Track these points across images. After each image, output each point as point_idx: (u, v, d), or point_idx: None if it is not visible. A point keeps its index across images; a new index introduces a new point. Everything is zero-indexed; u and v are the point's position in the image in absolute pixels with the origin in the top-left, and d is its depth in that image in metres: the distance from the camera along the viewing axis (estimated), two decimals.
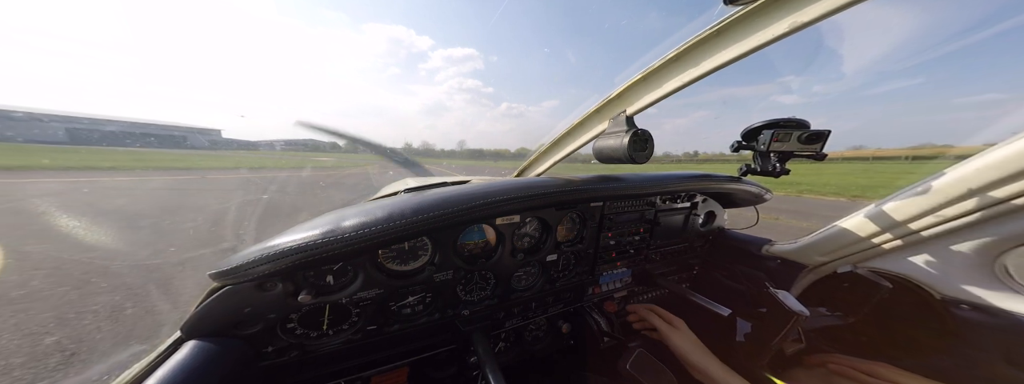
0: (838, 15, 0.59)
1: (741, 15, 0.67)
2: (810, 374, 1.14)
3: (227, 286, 0.75)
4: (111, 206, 8.57)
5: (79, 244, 5.07)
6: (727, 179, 1.48)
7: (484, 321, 1.20)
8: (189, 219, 6.84)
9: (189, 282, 3.76)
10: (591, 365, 1.43)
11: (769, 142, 1.10)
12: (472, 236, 1.14)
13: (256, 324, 0.84)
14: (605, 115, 1.14)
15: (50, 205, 8.11)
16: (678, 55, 0.82)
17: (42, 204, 8.26)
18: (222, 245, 5.15)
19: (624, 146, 0.94)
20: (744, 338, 1.16)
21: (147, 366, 0.72)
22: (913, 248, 1.12)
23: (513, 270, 1.25)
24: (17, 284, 3.64)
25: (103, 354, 2.58)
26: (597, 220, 1.36)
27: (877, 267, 1.22)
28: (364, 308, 1.00)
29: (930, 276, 1.09)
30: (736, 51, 0.71)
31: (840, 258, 1.30)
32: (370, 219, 0.78)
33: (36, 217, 6.87)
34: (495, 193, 0.93)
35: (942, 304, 1.06)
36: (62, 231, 5.71)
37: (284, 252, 0.71)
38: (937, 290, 1.08)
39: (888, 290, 1.15)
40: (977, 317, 1.00)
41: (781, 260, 1.48)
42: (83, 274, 3.88)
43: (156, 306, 3.26)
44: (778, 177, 1.21)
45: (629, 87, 0.98)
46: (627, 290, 1.61)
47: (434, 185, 1.16)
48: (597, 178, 1.18)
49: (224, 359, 0.75)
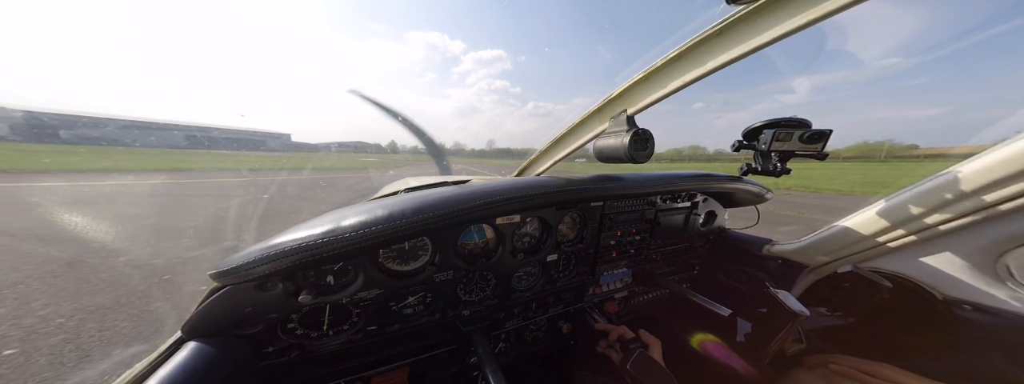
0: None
1: (743, 14, 0.67)
2: (812, 375, 1.14)
3: (228, 286, 0.75)
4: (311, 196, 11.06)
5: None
6: (727, 178, 1.48)
7: (484, 321, 1.20)
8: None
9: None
10: (591, 365, 1.43)
11: (770, 141, 1.10)
12: (472, 236, 1.14)
13: (257, 324, 0.83)
14: (606, 114, 1.13)
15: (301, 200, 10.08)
16: (680, 54, 0.81)
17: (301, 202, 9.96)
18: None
19: (625, 145, 0.94)
20: (744, 338, 1.16)
21: (148, 366, 0.72)
22: (914, 248, 1.12)
23: (513, 270, 1.25)
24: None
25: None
26: (597, 220, 1.36)
27: (878, 267, 1.21)
28: (364, 308, 1.00)
29: (932, 276, 1.09)
30: (738, 51, 0.71)
31: (841, 258, 1.30)
32: (370, 219, 0.78)
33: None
34: (495, 193, 0.93)
35: (944, 304, 1.06)
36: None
37: (284, 252, 0.71)
38: (939, 290, 1.07)
39: (889, 290, 1.14)
40: (979, 317, 0.99)
41: (782, 260, 1.48)
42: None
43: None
44: (779, 177, 1.21)
45: (630, 86, 0.98)
46: (628, 290, 1.61)
47: (434, 185, 1.16)
48: (597, 178, 1.17)
49: (225, 359, 0.75)
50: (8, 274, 3.73)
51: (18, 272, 3.79)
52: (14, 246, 4.71)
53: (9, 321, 2.86)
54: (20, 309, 3.05)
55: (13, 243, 4.85)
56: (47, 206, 7.56)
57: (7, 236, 5.16)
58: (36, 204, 7.96)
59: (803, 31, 0.62)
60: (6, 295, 3.30)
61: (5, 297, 3.26)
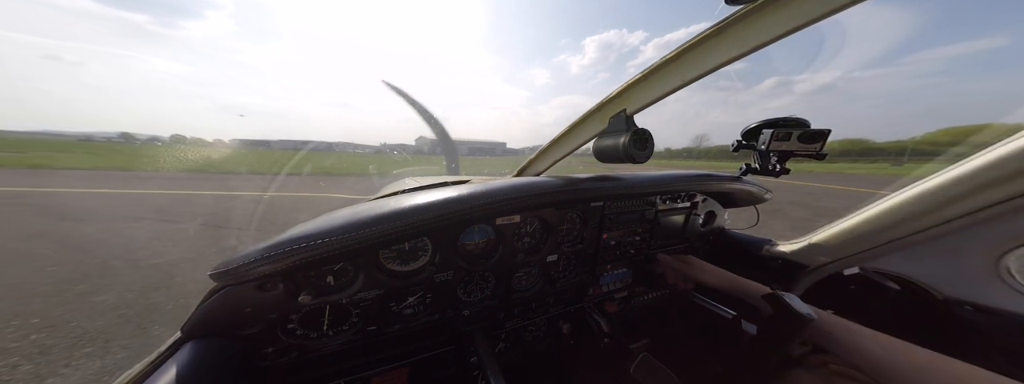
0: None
1: (743, 13, 0.67)
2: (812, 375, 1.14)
3: (227, 286, 0.75)
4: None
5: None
6: (727, 178, 1.48)
7: (484, 321, 1.20)
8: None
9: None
10: (592, 365, 1.43)
11: (769, 141, 1.10)
12: (472, 236, 1.14)
13: (256, 324, 0.83)
14: (605, 114, 1.14)
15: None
16: (679, 54, 0.81)
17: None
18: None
19: (624, 145, 0.94)
20: (750, 341, 1.15)
21: (147, 366, 0.72)
22: (914, 248, 1.11)
23: (513, 270, 1.25)
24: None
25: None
26: (597, 220, 1.36)
27: (878, 267, 1.21)
28: (364, 309, 0.99)
29: (931, 276, 1.09)
30: (737, 50, 0.71)
31: (841, 258, 1.30)
32: (371, 219, 0.78)
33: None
34: (495, 193, 0.93)
35: (944, 304, 1.06)
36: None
37: (284, 252, 0.70)
38: (939, 290, 1.07)
39: (889, 290, 1.14)
40: (980, 318, 0.99)
41: (782, 260, 1.48)
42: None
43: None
44: (778, 177, 1.21)
45: (629, 86, 0.98)
46: (628, 290, 1.61)
47: (434, 185, 1.16)
48: (597, 178, 1.17)
49: (224, 359, 0.75)
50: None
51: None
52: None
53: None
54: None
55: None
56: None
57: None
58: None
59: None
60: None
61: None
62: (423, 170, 2.69)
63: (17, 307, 3.06)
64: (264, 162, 28.95)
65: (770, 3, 0.61)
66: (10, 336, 2.63)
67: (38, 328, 2.75)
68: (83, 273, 3.83)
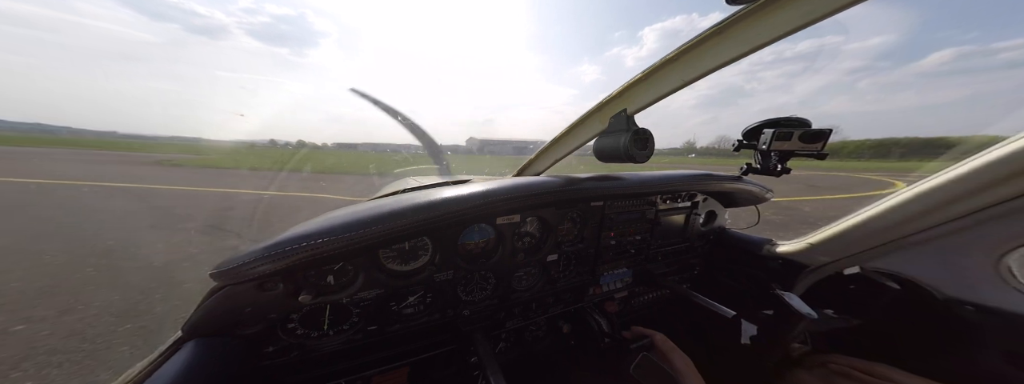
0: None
1: (743, 13, 0.66)
2: (811, 375, 1.14)
3: (228, 286, 0.75)
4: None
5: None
6: (728, 178, 1.47)
7: (484, 321, 1.19)
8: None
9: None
10: (592, 365, 1.43)
11: (770, 141, 1.10)
12: (473, 236, 1.14)
13: (257, 324, 0.83)
14: (606, 113, 1.13)
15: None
16: (679, 54, 0.81)
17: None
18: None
19: (624, 145, 0.94)
20: (750, 340, 1.15)
21: (148, 366, 0.72)
22: (915, 248, 1.11)
23: (513, 270, 1.25)
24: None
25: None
26: (598, 220, 1.36)
27: (878, 267, 1.21)
28: (365, 308, 0.99)
29: (932, 276, 1.09)
30: (738, 50, 0.71)
31: (842, 258, 1.29)
32: (371, 218, 0.78)
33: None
34: (495, 193, 0.93)
35: (944, 304, 1.06)
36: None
37: (285, 252, 0.70)
38: (939, 290, 1.07)
39: (889, 290, 1.14)
40: (980, 318, 0.99)
41: (783, 260, 1.48)
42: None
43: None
44: (779, 177, 1.21)
45: (630, 85, 0.98)
46: (628, 290, 1.61)
47: (434, 185, 1.16)
48: (597, 177, 1.17)
49: (225, 359, 0.75)
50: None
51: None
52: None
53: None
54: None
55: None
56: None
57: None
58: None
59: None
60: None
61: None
62: (423, 170, 2.67)
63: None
64: (362, 162, 31.53)
65: (770, 3, 0.61)
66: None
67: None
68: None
